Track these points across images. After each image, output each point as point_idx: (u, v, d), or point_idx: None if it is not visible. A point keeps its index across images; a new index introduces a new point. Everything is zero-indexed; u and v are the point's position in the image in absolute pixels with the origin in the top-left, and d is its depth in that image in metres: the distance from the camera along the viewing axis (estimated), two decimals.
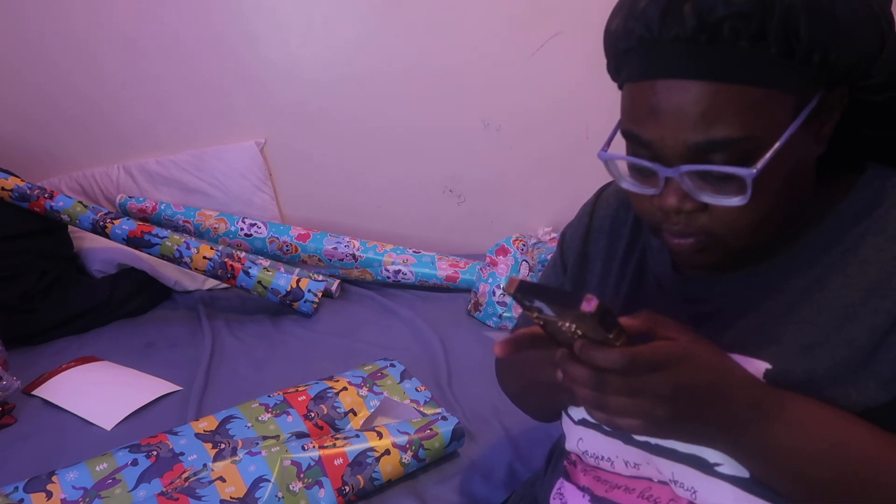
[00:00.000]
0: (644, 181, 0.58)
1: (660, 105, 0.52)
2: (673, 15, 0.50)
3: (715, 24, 0.49)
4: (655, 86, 0.52)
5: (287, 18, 1.98)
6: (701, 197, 0.54)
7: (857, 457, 0.53)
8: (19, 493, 1.07)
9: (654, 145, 0.54)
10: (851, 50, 0.51)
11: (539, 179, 2.21)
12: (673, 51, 0.51)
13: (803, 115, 0.52)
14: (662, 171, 0.54)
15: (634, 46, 0.54)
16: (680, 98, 0.51)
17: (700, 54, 0.50)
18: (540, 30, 2.01)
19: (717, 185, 0.53)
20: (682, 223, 0.57)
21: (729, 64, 0.50)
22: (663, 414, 0.50)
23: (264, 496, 1.07)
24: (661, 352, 0.50)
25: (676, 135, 0.52)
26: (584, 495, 0.71)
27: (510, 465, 1.22)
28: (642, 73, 0.54)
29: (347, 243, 2.03)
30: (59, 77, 1.98)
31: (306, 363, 1.60)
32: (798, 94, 0.51)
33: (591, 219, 0.78)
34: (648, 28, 0.52)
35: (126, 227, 1.74)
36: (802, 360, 0.56)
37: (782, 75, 0.50)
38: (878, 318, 0.54)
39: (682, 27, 0.50)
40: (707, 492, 0.60)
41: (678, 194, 0.55)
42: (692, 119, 0.51)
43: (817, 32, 0.49)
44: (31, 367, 1.58)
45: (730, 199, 0.53)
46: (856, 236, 0.57)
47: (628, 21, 0.53)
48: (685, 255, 0.59)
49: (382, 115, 2.11)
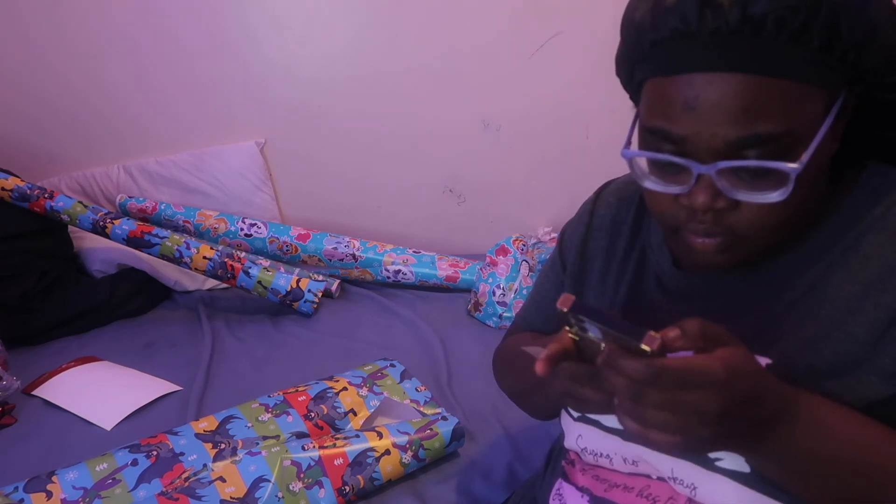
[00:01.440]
0: (670, 179, 0.56)
1: (698, 99, 0.51)
2: (713, 7, 0.49)
3: (759, 16, 0.48)
4: (693, 80, 0.51)
5: (287, 18, 1.98)
6: (735, 194, 0.53)
7: (875, 459, 0.53)
8: (19, 493, 1.07)
9: (686, 141, 0.52)
10: (881, 51, 0.52)
11: (539, 179, 2.21)
12: (712, 43, 0.50)
13: (834, 112, 0.52)
14: (696, 168, 0.52)
15: (666, 39, 0.52)
16: (721, 91, 0.50)
17: (742, 47, 0.49)
18: (540, 30, 2.01)
19: (752, 182, 0.52)
20: (710, 222, 0.55)
21: (771, 57, 0.49)
22: (708, 433, 0.47)
23: (264, 496, 1.07)
24: (695, 368, 0.46)
25: (715, 129, 0.51)
26: (583, 496, 0.71)
27: (510, 464, 1.22)
28: (677, 67, 0.52)
29: (347, 243, 2.03)
30: (59, 77, 1.98)
31: (306, 363, 1.60)
32: (829, 91, 0.52)
33: (592, 217, 0.77)
34: (684, 20, 0.50)
35: (126, 227, 1.74)
36: (804, 354, 0.56)
37: (819, 72, 0.50)
38: (880, 311, 0.54)
39: (724, 19, 0.49)
40: (707, 487, 0.60)
41: (709, 192, 0.53)
42: (733, 113, 0.50)
43: (856, 32, 0.49)
44: (31, 367, 1.58)
45: (767, 194, 0.52)
46: (858, 233, 0.57)
47: (658, 13, 0.52)
48: (707, 255, 0.58)
49: (382, 115, 2.11)
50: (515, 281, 1.82)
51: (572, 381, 0.54)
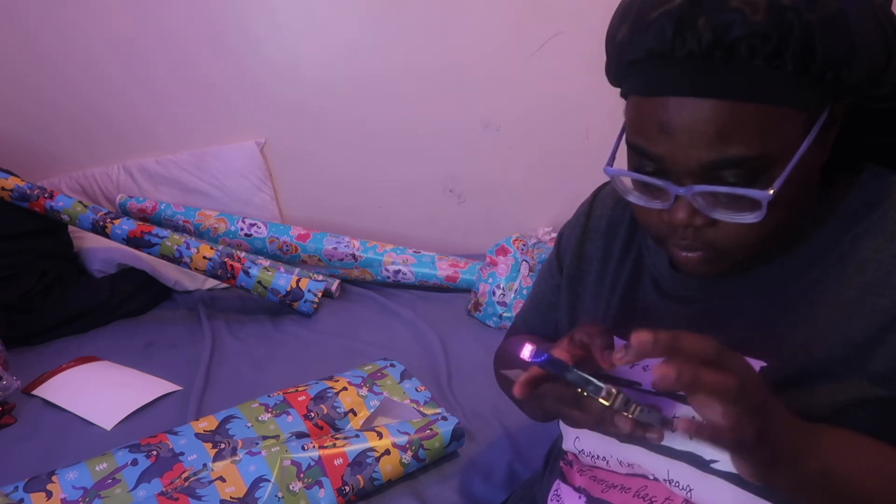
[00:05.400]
0: (651, 196, 0.57)
1: (671, 122, 0.51)
2: (687, 30, 0.49)
3: (732, 42, 0.48)
4: (667, 103, 0.51)
5: (287, 18, 1.98)
6: (712, 214, 0.53)
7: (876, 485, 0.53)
8: (19, 492, 1.07)
9: (664, 160, 0.53)
10: (863, 66, 0.50)
11: (539, 179, 2.21)
12: (686, 67, 0.50)
13: (815, 132, 0.51)
14: (673, 189, 0.53)
15: (641, 59, 0.53)
16: (694, 116, 0.50)
17: (715, 72, 0.49)
18: (540, 30, 2.01)
19: (729, 203, 0.53)
20: (691, 237, 0.56)
21: (744, 82, 0.49)
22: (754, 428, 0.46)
23: (264, 496, 1.07)
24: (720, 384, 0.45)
25: (689, 152, 0.51)
26: (581, 496, 0.71)
27: (510, 465, 1.22)
28: (652, 89, 0.52)
29: (347, 243, 2.03)
30: (60, 77, 1.98)
31: (306, 363, 1.60)
32: (811, 109, 0.51)
33: (588, 219, 0.78)
34: (660, 42, 0.50)
35: (126, 227, 1.74)
36: (798, 357, 0.56)
37: (796, 93, 0.50)
38: (877, 315, 0.54)
39: (697, 43, 0.49)
40: (703, 489, 0.60)
41: (688, 210, 0.54)
42: (706, 138, 0.50)
43: (832, 51, 0.48)
44: (31, 367, 1.58)
45: (743, 216, 0.52)
46: (855, 237, 0.57)
47: (636, 32, 0.52)
48: (691, 266, 0.59)
49: (383, 114, 2.11)
50: (515, 281, 1.82)
51: (559, 403, 0.57)
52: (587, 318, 0.74)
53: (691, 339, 0.45)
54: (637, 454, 0.65)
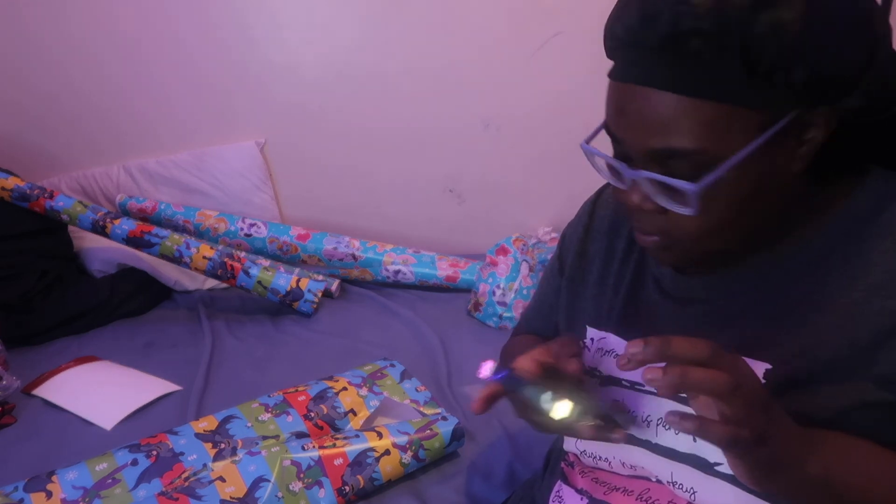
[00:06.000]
0: (615, 177, 0.60)
1: (626, 108, 0.54)
2: (648, 23, 0.51)
3: (683, 37, 0.49)
4: (625, 89, 0.54)
5: (287, 18, 1.98)
6: (657, 200, 0.55)
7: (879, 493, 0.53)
8: (19, 492, 1.07)
9: (623, 143, 0.56)
10: (824, 69, 0.49)
11: (539, 179, 2.21)
12: (644, 58, 0.52)
13: (767, 135, 0.51)
14: (625, 172, 0.56)
15: (612, 46, 0.56)
16: (643, 104, 0.53)
17: (666, 64, 0.51)
18: (540, 30, 2.01)
19: (670, 192, 0.54)
20: (644, 222, 0.59)
21: (692, 77, 0.50)
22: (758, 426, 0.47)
23: (264, 496, 1.07)
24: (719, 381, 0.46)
25: (639, 138, 0.54)
26: (583, 498, 0.71)
27: (510, 465, 1.22)
28: (616, 74, 0.56)
29: (347, 243, 2.03)
30: (60, 77, 1.98)
31: (306, 363, 1.60)
32: (767, 112, 0.51)
33: (591, 218, 0.78)
34: (625, 31, 0.53)
35: (126, 227, 1.74)
36: (803, 360, 0.56)
37: (745, 93, 0.50)
38: (884, 317, 0.53)
39: (655, 36, 0.50)
40: (706, 492, 0.60)
41: (640, 194, 0.57)
42: (653, 127, 0.53)
43: (779, 53, 0.48)
44: (31, 367, 1.58)
45: (679, 206, 0.54)
46: (860, 240, 0.56)
47: (615, 22, 0.55)
48: (651, 251, 0.62)
49: (382, 114, 2.11)
50: (515, 281, 1.82)
51: (525, 410, 0.61)
52: (588, 317, 0.74)
53: (682, 342, 0.46)
54: (640, 456, 0.65)
